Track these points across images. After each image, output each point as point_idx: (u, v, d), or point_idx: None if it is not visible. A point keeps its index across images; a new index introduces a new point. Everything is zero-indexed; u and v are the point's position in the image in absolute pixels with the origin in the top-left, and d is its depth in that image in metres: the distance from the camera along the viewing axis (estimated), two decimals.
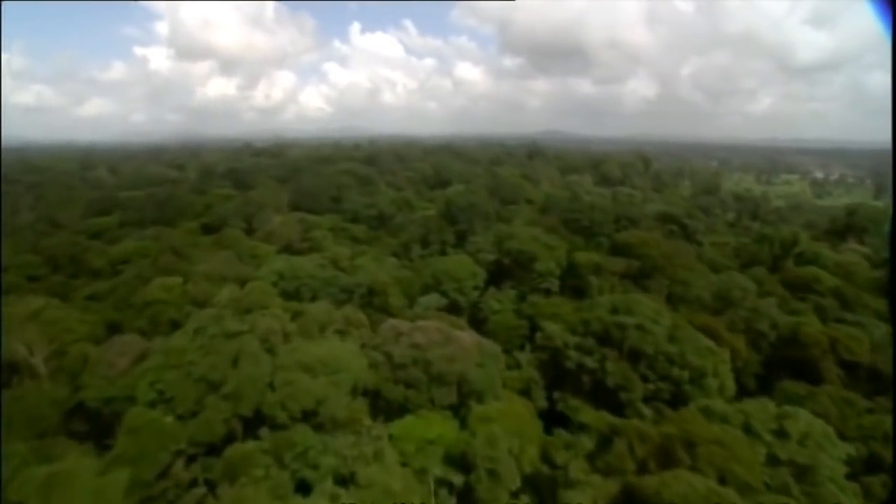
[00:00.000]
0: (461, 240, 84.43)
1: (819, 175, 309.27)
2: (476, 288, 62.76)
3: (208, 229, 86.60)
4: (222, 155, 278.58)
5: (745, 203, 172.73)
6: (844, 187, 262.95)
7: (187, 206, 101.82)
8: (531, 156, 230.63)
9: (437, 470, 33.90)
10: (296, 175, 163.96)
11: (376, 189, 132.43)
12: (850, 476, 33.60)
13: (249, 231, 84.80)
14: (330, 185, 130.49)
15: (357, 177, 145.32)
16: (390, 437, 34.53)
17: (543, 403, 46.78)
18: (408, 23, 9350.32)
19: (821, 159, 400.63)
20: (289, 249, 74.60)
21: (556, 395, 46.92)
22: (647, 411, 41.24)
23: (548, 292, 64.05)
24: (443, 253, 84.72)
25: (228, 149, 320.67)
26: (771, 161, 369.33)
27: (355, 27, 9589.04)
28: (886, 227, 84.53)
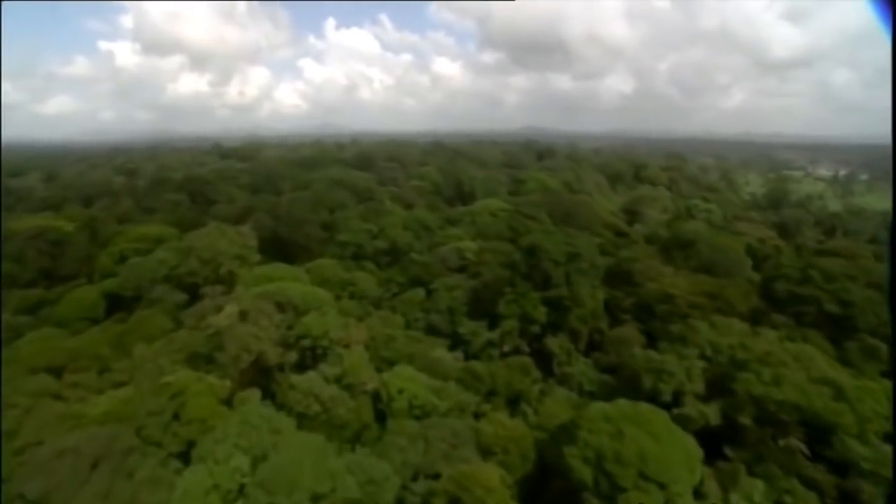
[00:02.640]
0: (556, 311, 47.23)
1: (824, 172, 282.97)
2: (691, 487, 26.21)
3: (115, 303, 46.78)
4: (187, 156, 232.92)
5: (800, 212, 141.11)
6: (863, 185, 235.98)
7: (103, 244, 61.33)
8: (540, 156, 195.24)
9: None
10: (271, 183, 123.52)
11: (380, 206, 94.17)
12: None
13: (185, 310, 44.43)
14: (318, 204, 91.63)
15: (352, 189, 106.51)
16: None
17: None
18: (384, 18, 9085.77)
19: (808, 154, 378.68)
20: (259, 375, 35.55)
21: None
22: None
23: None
24: (535, 337, 47.40)
25: (197, 149, 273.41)
26: (765, 157, 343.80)
27: (330, 22, 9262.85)
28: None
